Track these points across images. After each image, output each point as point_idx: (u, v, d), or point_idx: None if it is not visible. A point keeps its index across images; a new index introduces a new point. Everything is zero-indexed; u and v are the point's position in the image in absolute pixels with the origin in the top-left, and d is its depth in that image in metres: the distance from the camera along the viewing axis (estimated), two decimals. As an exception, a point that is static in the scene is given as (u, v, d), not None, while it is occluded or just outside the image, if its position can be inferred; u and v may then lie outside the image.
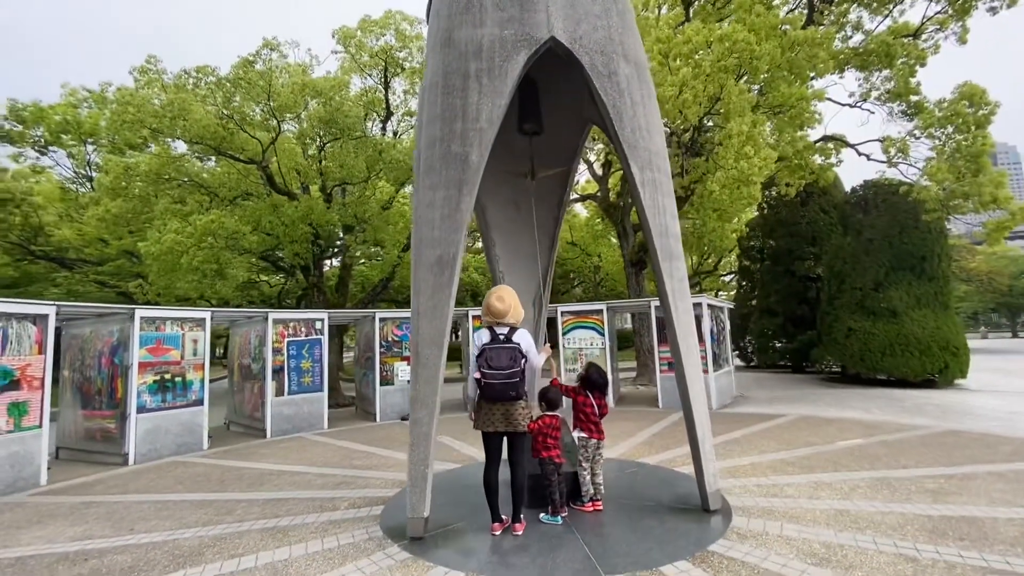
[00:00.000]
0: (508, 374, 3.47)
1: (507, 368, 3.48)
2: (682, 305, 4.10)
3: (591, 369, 4.41)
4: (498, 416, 3.59)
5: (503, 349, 3.53)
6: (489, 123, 3.87)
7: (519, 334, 3.69)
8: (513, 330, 3.69)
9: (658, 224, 4.02)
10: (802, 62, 8.00)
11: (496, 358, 3.50)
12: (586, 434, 4.28)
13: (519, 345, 3.59)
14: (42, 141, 15.00)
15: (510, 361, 3.50)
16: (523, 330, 3.77)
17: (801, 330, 17.48)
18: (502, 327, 3.69)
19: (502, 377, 3.47)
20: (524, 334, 3.73)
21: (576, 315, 12.04)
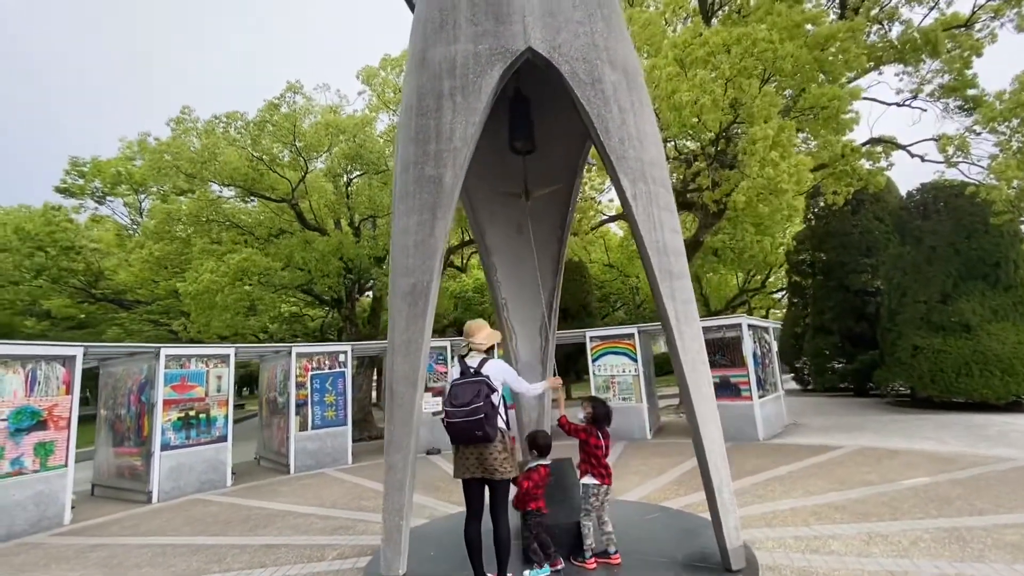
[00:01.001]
0: (469, 411, 3.02)
1: (468, 404, 3.04)
2: (688, 330, 3.62)
3: (597, 404, 3.90)
4: (472, 461, 3.16)
5: (468, 384, 3.14)
6: (463, 142, 3.63)
7: (489, 365, 3.29)
8: (484, 361, 3.31)
9: (654, 240, 3.60)
10: (833, 60, 7.38)
11: (460, 394, 3.10)
12: (597, 480, 3.72)
13: (486, 378, 3.17)
14: (100, 193, 16.33)
15: (473, 396, 3.06)
16: (497, 360, 3.38)
17: (861, 349, 16.00)
18: (473, 358, 3.34)
19: (462, 415, 3.03)
20: (496, 365, 3.33)
21: (605, 340, 11.47)
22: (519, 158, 5.07)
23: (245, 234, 13.47)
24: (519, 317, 5.61)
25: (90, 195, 16.43)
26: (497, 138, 5.04)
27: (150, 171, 11.31)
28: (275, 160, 11.90)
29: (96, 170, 16.55)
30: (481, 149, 5.36)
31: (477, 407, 3.03)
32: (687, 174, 11.72)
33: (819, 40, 7.34)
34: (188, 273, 12.08)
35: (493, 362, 3.32)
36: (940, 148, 10.96)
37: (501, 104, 4.88)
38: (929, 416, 10.98)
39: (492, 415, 3.07)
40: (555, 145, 5.26)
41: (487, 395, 3.08)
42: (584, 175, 10.81)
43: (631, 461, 8.09)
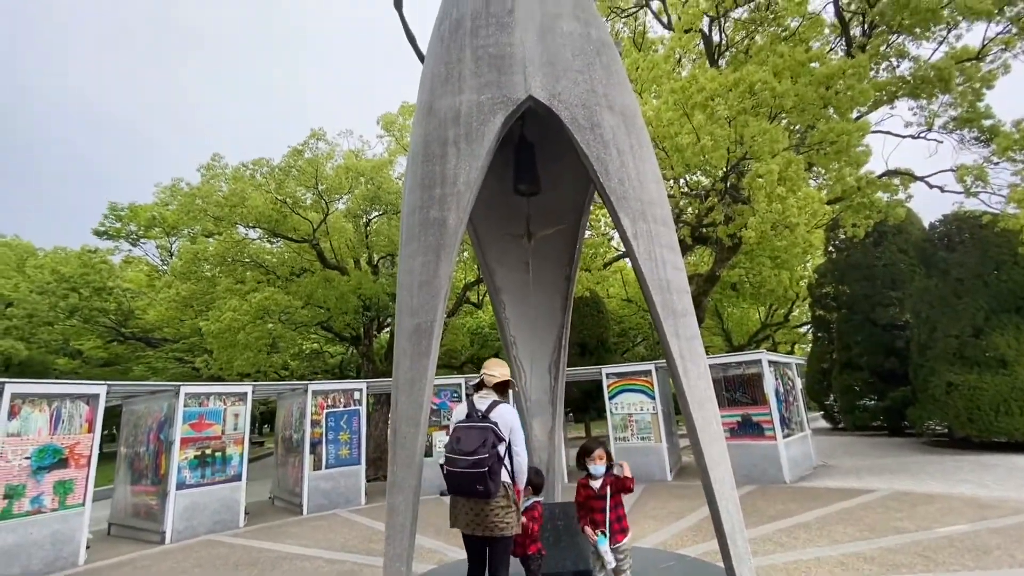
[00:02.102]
0: (473, 461, 2.70)
1: (473, 454, 2.72)
2: (693, 368, 3.57)
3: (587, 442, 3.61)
4: (470, 516, 2.86)
5: (475, 429, 2.84)
6: (467, 186, 3.76)
7: (499, 411, 2.97)
8: (495, 405, 3.00)
9: (656, 278, 3.61)
10: (840, 96, 7.45)
11: (465, 439, 2.81)
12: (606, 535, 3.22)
13: (494, 425, 2.85)
14: (134, 236, 17.17)
15: (479, 445, 2.74)
16: (506, 406, 3.05)
17: (892, 386, 15.36)
18: (483, 400, 3.05)
19: (465, 465, 2.71)
20: (506, 412, 3.00)
21: (622, 377, 11.29)
22: (525, 199, 5.19)
23: (268, 273, 13.89)
24: (528, 355, 5.60)
25: (125, 238, 17.30)
26: (505, 180, 5.20)
27: (181, 215, 11.89)
28: (298, 203, 12.40)
29: (132, 214, 17.48)
30: (489, 191, 5.53)
31: (482, 458, 2.72)
32: (701, 209, 11.76)
33: (823, 78, 7.45)
34: (211, 312, 12.45)
35: (504, 408, 3.02)
36: (958, 178, 10.80)
37: (508, 147, 5.06)
38: (968, 457, 10.38)
39: (497, 469, 2.77)
40: (560, 187, 5.39)
41: (494, 444, 2.78)
42: (597, 213, 10.95)
43: (648, 504, 7.81)
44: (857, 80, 7.46)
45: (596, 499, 3.37)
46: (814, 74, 7.51)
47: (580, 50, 4.21)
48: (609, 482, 3.38)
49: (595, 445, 3.47)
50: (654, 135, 8.29)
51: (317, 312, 13.92)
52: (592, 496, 3.39)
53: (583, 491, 3.46)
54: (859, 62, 7.50)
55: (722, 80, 7.24)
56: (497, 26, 4.22)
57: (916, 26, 8.70)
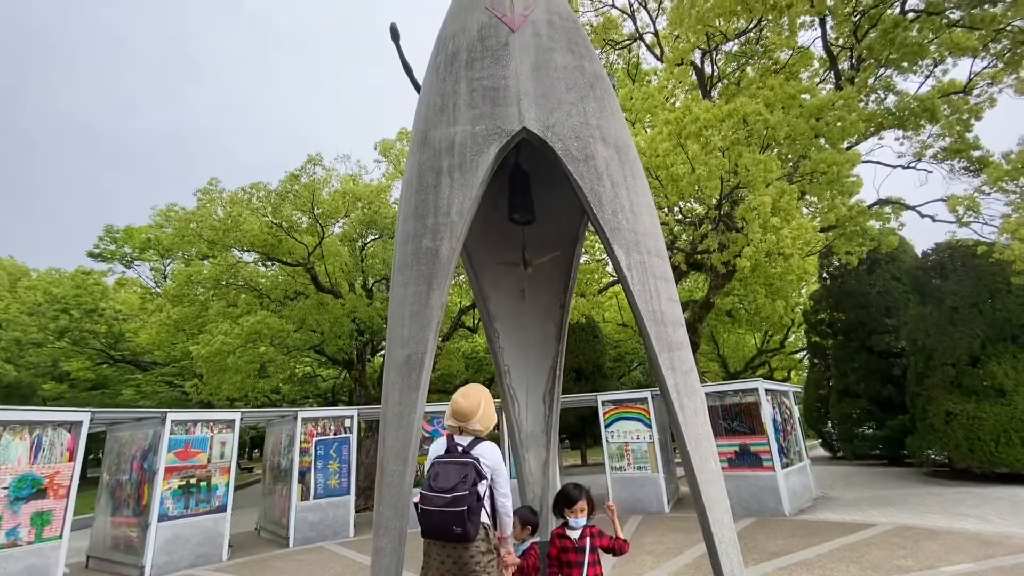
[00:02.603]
0: (450, 500, 2.43)
1: (451, 491, 2.45)
2: (690, 403, 3.49)
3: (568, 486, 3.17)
4: (447, 564, 2.54)
5: (454, 464, 2.57)
6: (460, 215, 3.73)
7: (482, 447, 2.70)
8: (477, 441, 2.73)
9: (651, 310, 3.56)
10: (830, 127, 7.58)
11: (443, 475, 2.54)
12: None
13: (477, 461, 2.58)
14: (129, 258, 17.12)
15: (459, 481, 2.47)
16: (490, 443, 2.78)
17: (890, 414, 15.23)
18: (465, 436, 2.77)
19: (442, 503, 2.45)
20: (490, 448, 2.74)
21: (618, 404, 11.14)
22: (520, 228, 5.18)
23: (261, 297, 13.79)
24: (522, 384, 5.51)
25: (120, 259, 17.24)
26: (500, 209, 5.20)
27: (176, 238, 11.88)
28: (294, 226, 12.41)
29: (128, 236, 17.45)
30: (484, 219, 5.52)
31: (460, 496, 2.44)
32: (695, 236, 11.83)
33: (813, 110, 7.60)
34: (202, 336, 12.31)
35: (488, 445, 2.75)
36: (950, 208, 10.93)
37: (503, 176, 5.07)
38: (970, 489, 10.21)
39: (476, 509, 2.49)
40: (555, 215, 5.39)
41: (474, 482, 2.49)
42: (592, 239, 10.96)
43: (646, 538, 7.59)
44: (847, 112, 7.61)
45: (574, 552, 3.01)
46: (805, 106, 7.66)
47: (574, 83, 4.26)
48: (590, 533, 3.02)
49: (577, 495, 3.03)
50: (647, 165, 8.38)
51: (310, 336, 13.78)
52: (570, 548, 3.03)
53: (558, 542, 3.06)
54: (848, 95, 7.67)
55: (716, 111, 7.38)
56: (492, 59, 4.27)
57: (903, 60, 8.93)
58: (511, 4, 4.56)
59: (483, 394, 2.86)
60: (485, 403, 2.83)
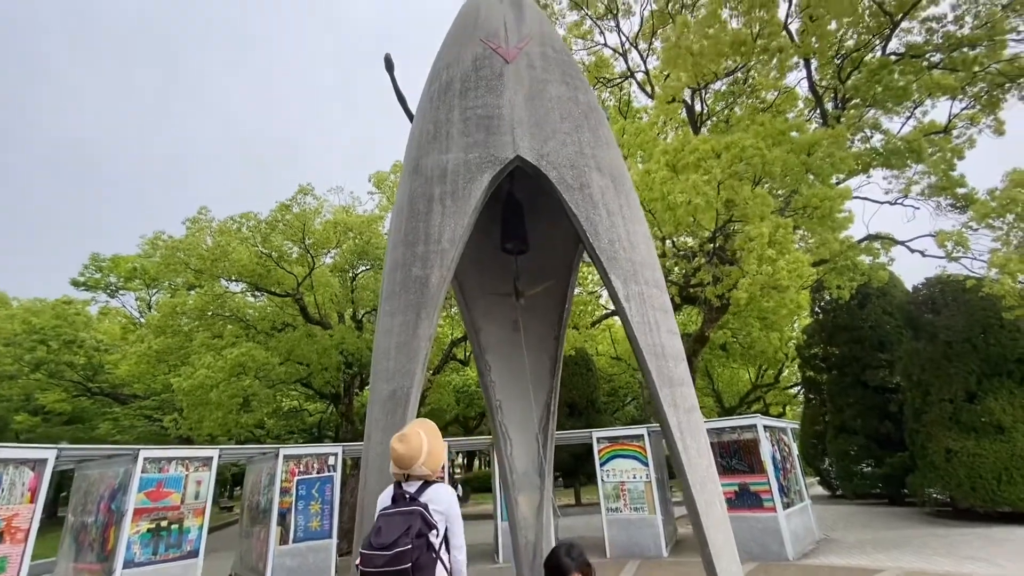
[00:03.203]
0: (392, 557, 2.02)
1: (392, 546, 2.04)
2: (693, 444, 3.29)
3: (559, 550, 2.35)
4: None
5: (398, 515, 2.18)
6: (451, 243, 3.61)
7: (432, 491, 2.31)
8: (427, 485, 2.33)
9: (650, 343, 3.41)
10: (821, 163, 7.70)
11: (385, 529, 2.13)
12: None
13: (425, 508, 2.21)
14: (113, 287, 16.78)
15: (401, 534, 2.08)
16: (443, 487, 2.36)
17: (889, 451, 14.95)
18: (412, 483, 2.35)
19: (382, 562, 2.03)
20: (442, 492, 2.32)
21: (614, 442, 10.81)
22: (513, 258, 5.07)
23: (248, 328, 13.47)
24: (514, 421, 5.27)
25: (104, 289, 16.89)
26: (493, 238, 5.10)
27: (162, 267, 11.66)
28: (283, 256, 12.25)
29: (114, 265, 17.15)
30: (476, 248, 5.41)
31: (403, 551, 2.03)
32: (688, 269, 11.82)
33: (805, 146, 7.72)
34: (184, 368, 11.91)
35: (440, 488, 2.34)
36: (939, 243, 11.04)
37: (496, 205, 4.99)
38: (975, 529, 9.90)
39: (426, 565, 2.10)
40: (549, 246, 5.29)
41: (420, 533, 2.12)
42: (584, 271, 10.92)
43: (644, 586, 7.18)
44: (837, 148, 7.73)
45: None
46: (795, 142, 7.78)
47: (568, 113, 4.24)
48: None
49: (569, 565, 2.23)
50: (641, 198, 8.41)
51: (297, 368, 13.41)
52: None
53: None
54: (838, 132, 7.82)
55: (714, 143, 7.46)
56: (486, 88, 4.25)
57: (889, 101, 9.16)
58: (506, 36, 4.58)
59: (425, 432, 2.44)
60: (428, 443, 2.40)
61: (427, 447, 2.37)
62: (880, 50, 11.39)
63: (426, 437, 2.41)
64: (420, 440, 2.38)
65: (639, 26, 11.56)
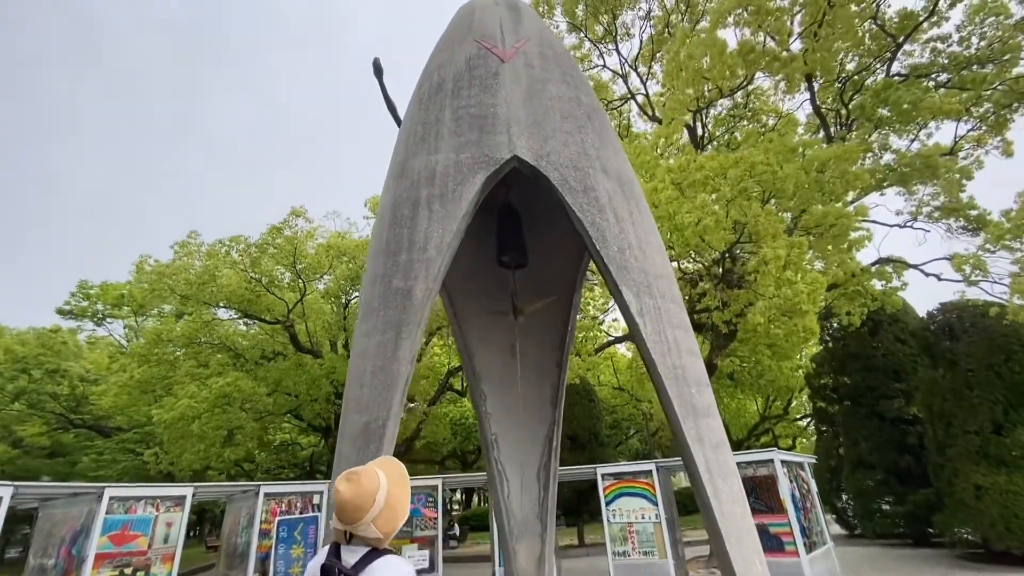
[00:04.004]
0: None
1: None
2: (725, 487, 2.75)
3: None
4: None
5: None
6: (438, 251, 3.16)
7: (378, 566, 1.57)
8: (372, 556, 1.59)
9: (669, 365, 2.92)
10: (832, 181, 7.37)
11: None
12: None
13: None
14: (100, 315, 16.31)
15: None
16: (394, 560, 1.61)
17: (910, 486, 14.10)
18: (354, 548, 1.62)
19: None
20: (393, 567, 1.59)
21: (620, 478, 10.10)
22: (511, 272, 4.61)
23: (238, 357, 12.91)
24: (512, 458, 4.70)
25: (91, 317, 16.42)
26: (488, 250, 4.66)
27: (148, 293, 11.23)
28: (274, 281, 11.83)
29: (103, 292, 16.71)
30: (470, 263, 4.96)
31: None
32: (693, 294, 11.36)
33: (816, 163, 7.40)
34: (166, 399, 11.32)
35: (390, 562, 1.60)
36: (955, 267, 10.62)
37: (492, 214, 4.58)
38: (1013, 575, 9.09)
39: None
40: (549, 260, 4.85)
41: None
42: (585, 295, 10.45)
43: (659, 644, 6.42)
44: (849, 164, 7.40)
45: None
46: (807, 157, 7.45)
47: (569, 113, 3.87)
48: None
49: None
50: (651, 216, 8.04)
51: (286, 400, 12.78)
52: None
53: None
54: (851, 148, 7.51)
55: (722, 160, 7.14)
56: (480, 87, 3.90)
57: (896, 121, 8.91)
58: (502, 37, 4.26)
59: (386, 474, 1.69)
60: (388, 490, 1.65)
61: (384, 495, 1.62)
62: (884, 72, 11.26)
63: (386, 482, 1.66)
64: (376, 484, 1.63)
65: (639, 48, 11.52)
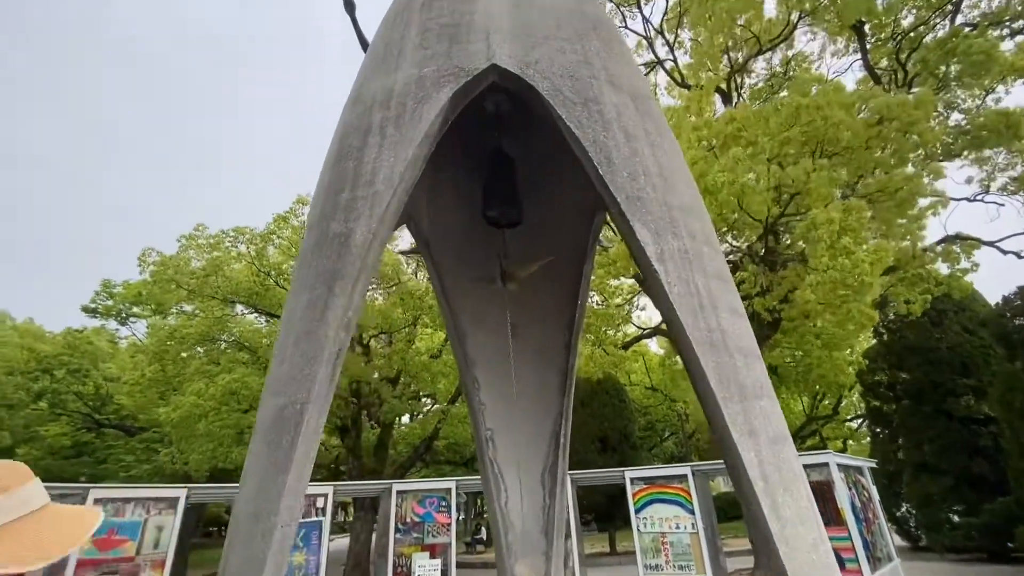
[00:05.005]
0: None
1: None
2: (791, 503, 1.86)
3: None
4: None
5: None
6: (388, 184, 2.39)
7: None
8: None
9: (702, 327, 2.04)
10: (897, 135, 6.19)
11: None
12: None
13: None
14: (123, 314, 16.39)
15: None
16: None
17: (985, 495, 12.53)
18: None
19: None
20: None
21: (651, 483, 9.11)
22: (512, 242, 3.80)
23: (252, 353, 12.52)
24: (511, 458, 3.88)
25: (115, 316, 16.53)
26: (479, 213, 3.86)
27: (152, 286, 11.01)
28: (282, 274, 11.38)
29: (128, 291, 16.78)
30: (462, 228, 4.19)
31: None
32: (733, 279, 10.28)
33: (883, 108, 6.19)
34: (175, 396, 11.01)
35: None
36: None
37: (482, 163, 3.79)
38: None
39: None
40: (554, 220, 4.02)
41: None
42: (600, 272, 9.43)
43: None
44: (924, 116, 6.18)
45: None
46: (870, 106, 6.27)
47: (568, 21, 3.05)
48: None
49: None
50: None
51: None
52: None
53: None
54: (924, 97, 6.26)
55: (756, 111, 6.11)
56: (456, -3, 3.14)
57: (968, 75, 7.64)
58: (487, -56, 3.49)
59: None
60: None
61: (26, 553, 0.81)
62: (945, 27, 9.92)
63: None
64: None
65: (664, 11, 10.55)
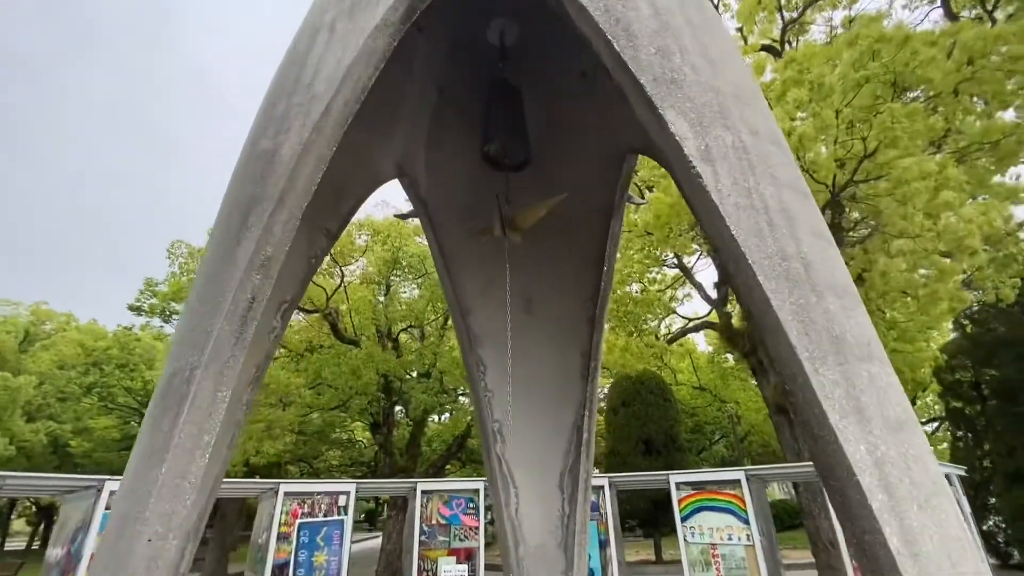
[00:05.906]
0: None
1: None
2: (932, 528, 1.13)
3: None
4: None
5: None
6: (329, 83, 1.80)
7: None
8: None
9: (770, 251, 1.33)
10: (994, 75, 5.04)
11: None
12: None
13: None
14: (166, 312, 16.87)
15: None
16: None
17: (1098, 510, 10.81)
18: None
19: None
20: None
21: (699, 488, 8.23)
22: (506, 177, 3.11)
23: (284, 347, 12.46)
24: (522, 457, 3.22)
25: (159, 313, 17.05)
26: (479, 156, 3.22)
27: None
28: (310, 267, 11.23)
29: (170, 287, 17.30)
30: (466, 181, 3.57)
31: None
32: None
33: (975, 44, 5.06)
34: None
35: None
36: None
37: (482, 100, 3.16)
38: None
39: None
40: (571, 169, 3.32)
41: None
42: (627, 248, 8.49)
43: None
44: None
45: None
46: (960, 42, 5.13)
47: None
48: None
49: None
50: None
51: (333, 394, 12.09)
52: None
53: None
54: (1028, 23, 5.10)
55: (821, 50, 5.11)
56: None
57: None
58: None
59: None
60: None
61: None
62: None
63: None
64: None
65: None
